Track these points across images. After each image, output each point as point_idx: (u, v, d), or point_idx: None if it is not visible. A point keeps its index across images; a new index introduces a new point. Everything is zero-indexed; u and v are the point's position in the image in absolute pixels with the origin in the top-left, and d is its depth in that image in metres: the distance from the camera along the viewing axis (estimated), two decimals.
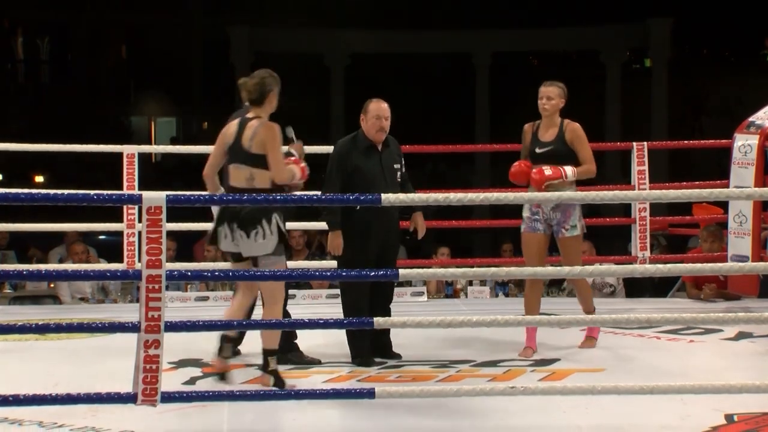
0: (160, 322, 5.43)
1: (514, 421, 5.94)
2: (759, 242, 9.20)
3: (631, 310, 8.92)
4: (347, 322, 6.99)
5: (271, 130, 6.66)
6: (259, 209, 6.58)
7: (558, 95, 7.90)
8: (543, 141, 7.80)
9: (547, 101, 7.88)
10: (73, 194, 6.23)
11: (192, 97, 25.96)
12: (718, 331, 8.01)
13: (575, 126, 7.83)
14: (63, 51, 26.52)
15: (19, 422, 5.93)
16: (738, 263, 8.84)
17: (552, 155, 7.68)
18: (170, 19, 25.35)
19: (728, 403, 6.08)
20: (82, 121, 21.56)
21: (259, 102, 6.76)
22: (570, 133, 7.79)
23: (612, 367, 7.03)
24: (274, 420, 5.91)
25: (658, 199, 8.63)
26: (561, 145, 7.73)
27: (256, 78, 6.82)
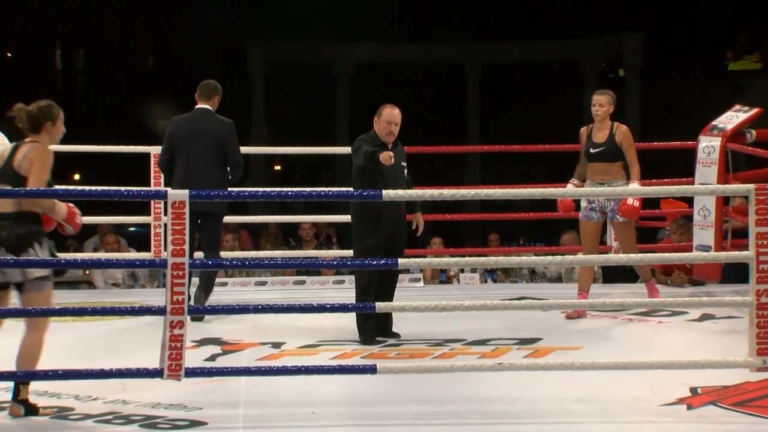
0: (183, 305, 5.44)
1: (501, 393, 5.94)
2: (721, 233, 9.21)
3: (606, 295, 8.90)
4: (351, 306, 6.97)
5: (42, 155, 5.96)
6: (29, 232, 5.96)
7: (608, 102, 8.14)
8: (596, 142, 8.10)
9: (599, 108, 8.13)
10: (106, 190, 6.24)
11: None
12: (684, 313, 8.00)
13: (624, 129, 8.12)
14: (96, 61, 26.48)
15: (57, 395, 5.97)
16: (702, 253, 8.85)
17: (604, 155, 8.05)
18: (193, 33, 25.34)
19: (693, 377, 6.11)
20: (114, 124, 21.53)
21: (34, 131, 6.05)
22: (620, 135, 8.08)
23: (589, 345, 7.02)
24: (287, 393, 5.90)
25: (631, 194, 8.62)
26: (612, 146, 8.06)
27: (34, 109, 6.10)
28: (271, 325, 7.50)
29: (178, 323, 5.43)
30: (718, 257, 8.74)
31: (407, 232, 7.55)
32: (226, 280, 9.71)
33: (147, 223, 9.32)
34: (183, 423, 5.51)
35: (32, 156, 5.90)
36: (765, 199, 5.68)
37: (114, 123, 21.91)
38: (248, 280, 9.76)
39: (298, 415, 5.63)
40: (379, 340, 7.16)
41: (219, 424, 5.50)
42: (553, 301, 7.76)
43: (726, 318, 7.70)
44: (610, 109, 8.16)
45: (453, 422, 5.56)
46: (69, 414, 5.72)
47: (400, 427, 5.45)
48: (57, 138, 6.19)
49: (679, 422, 5.57)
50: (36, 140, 6.02)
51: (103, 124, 21.41)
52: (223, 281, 9.64)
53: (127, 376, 5.66)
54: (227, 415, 5.64)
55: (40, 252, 5.94)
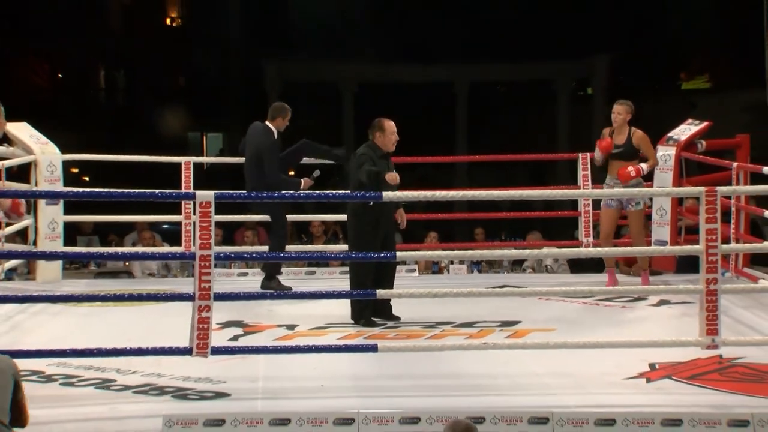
0: (210, 292, 5.43)
1: (486, 369, 5.93)
2: (676, 230, 9.21)
3: (576, 283, 8.90)
4: (355, 293, 6.97)
5: None
6: None
7: (625, 111, 8.48)
8: (616, 144, 8.41)
9: (617, 115, 8.49)
10: (143, 192, 6.22)
11: (234, 117, 25.95)
12: (644, 299, 7.99)
13: (640, 133, 8.43)
14: (135, 81, 26.47)
15: (101, 369, 5.97)
16: (660, 246, 8.84)
17: (623, 155, 8.35)
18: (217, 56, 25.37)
19: (652, 355, 6.12)
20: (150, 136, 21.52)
21: None
22: (636, 138, 8.41)
23: (562, 327, 7.00)
24: (300, 368, 5.90)
25: (598, 196, 8.67)
26: (630, 147, 8.37)
27: None
28: (285, 310, 7.50)
29: (205, 307, 5.43)
30: (673, 250, 8.72)
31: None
32: (247, 271, 9.69)
33: (178, 221, 9.31)
34: (209, 394, 5.52)
35: None
36: (713, 200, 5.69)
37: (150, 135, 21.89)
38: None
39: (309, 387, 5.63)
40: (379, 323, 7.15)
41: (240, 395, 5.51)
42: (530, 288, 7.77)
43: (680, 303, 7.69)
44: (628, 117, 8.47)
45: (444, 394, 5.57)
46: (111, 385, 5.73)
47: (398, 398, 5.45)
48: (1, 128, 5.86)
49: (639, 393, 5.57)
50: None
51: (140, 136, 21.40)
52: (244, 271, 9.63)
53: (160, 353, 5.65)
54: (248, 387, 5.65)
55: None
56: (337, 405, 5.23)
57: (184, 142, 25.61)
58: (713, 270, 5.65)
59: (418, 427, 4.97)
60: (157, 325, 6.82)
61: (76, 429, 4.98)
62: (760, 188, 8.02)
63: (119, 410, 5.30)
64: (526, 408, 5.14)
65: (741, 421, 5.08)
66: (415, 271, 9.69)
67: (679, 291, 7.44)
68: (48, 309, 7.60)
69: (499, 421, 5.03)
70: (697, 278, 5.79)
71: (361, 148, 7.37)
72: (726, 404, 5.34)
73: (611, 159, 8.44)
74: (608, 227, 8.50)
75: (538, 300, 7.82)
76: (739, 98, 19.55)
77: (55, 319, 7.41)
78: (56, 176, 8.87)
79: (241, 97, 25.84)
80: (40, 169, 8.80)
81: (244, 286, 8.76)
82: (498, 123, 24.78)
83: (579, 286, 8.30)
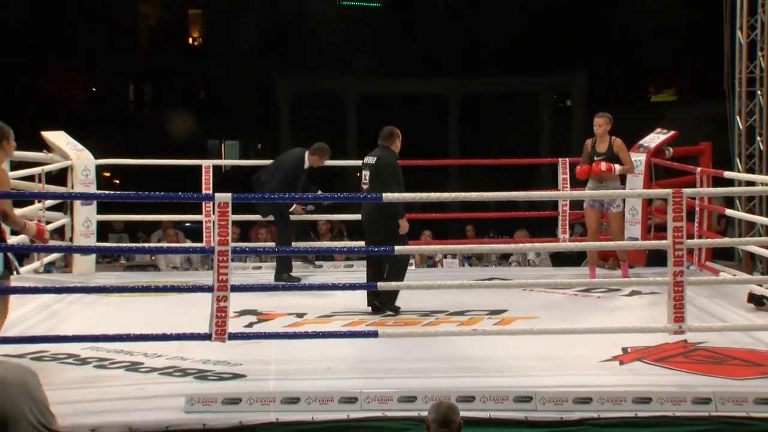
0: (227, 283, 5.43)
1: (475, 353, 5.93)
2: (646, 228, 9.21)
3: (556, 276, 8.92)
4: (357, 285, 6.97)
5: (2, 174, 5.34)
6: None
7: (605, 122, 8.49)
8: (599, 152, 8.44)
9: (599, 127, 8.50)
10: (168, 194, 6.22)
11: (249, 126, 25.96)
12: (618, 290, 7.99)
13: (619, 141, 8.47)
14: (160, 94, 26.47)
15: (130, 353, 5.97)
16: (632, 242, 8.84)
17: (605, 161, 8.32)
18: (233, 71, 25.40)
19: (624, 340, 6.12)
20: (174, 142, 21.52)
21: None
22: (616, 146, 8.44)
23: (544, 315, 7.01)
24: (308, 352, 5.90)
25: (576, 197, 8.66)
26: (611, 154, 8.39)
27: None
28: (295, 300, 7.50)
29: (223, 297, 5.43)
30: (644, 245, 8.73)
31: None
32: (260, 264, 9.70)
33: (199, 220, 9.31)
34: (227, 375, 5.52)
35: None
36: (679, 201, 5.69)
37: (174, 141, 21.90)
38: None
39: (316, 369, 5.63)
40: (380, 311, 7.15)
41: (255, 376, 5.51)
42: (516, 281, 7.79)
43: (650, 294, 7.69)
44: (608, 127, 8.46)
45: (438, 375, 5.56)
46: (139, 367, 5.74)
47: (396, 379, 5.44)
48: (11, 154, 5.66)
49: (613, 375, 5.58)
50: None
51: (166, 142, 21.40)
52: (258, 265, 9.64)
53: (183, 339, 5.65)
54: (261, 369, 5.64)
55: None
56: (342, 385, 5.22)
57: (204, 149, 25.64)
58: (679, 263, 5.65)
59: (414, 405, 4.96)
60: (180, 314, 6.82)
61: (108, 407, 4.98)
62: (721, 190, 8.07)
63: (147, 390, 5.30)
64: (511, 388, 5.14)
65: (703, 398, 5.08)
66: (412, 265, 9.69)
67: (649, 283, 7.44)
68: (83, 299, 7.61)
69: (487, 400, 5.02)
70: (665, 271, 5.79)
71: (389, 155, 7.21)
72: (690, 384, 5.34)
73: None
74: (594, 226, 8.51)
75: (523, 291, 7.83)
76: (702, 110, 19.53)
77: (89, 307, 7.42)
78: (90, 179, 8.88)
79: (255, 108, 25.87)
80: (76, 173, 8.80)
81: (258, 278, 8.77)
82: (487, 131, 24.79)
83: (559, 278, 8.31)
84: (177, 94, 25.61)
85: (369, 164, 7.25)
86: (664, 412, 5.02)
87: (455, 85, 24.80)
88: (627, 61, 23.94)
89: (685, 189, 5.94)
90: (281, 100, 24.81)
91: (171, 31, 28.24)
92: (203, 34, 28.47)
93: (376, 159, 7.22)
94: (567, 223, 9.43)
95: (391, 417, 4.92)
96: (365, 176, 7.27)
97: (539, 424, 4.95)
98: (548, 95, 25.26)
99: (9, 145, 5.52)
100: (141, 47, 27.30)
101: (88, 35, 23.93)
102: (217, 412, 4.93)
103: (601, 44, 23.48)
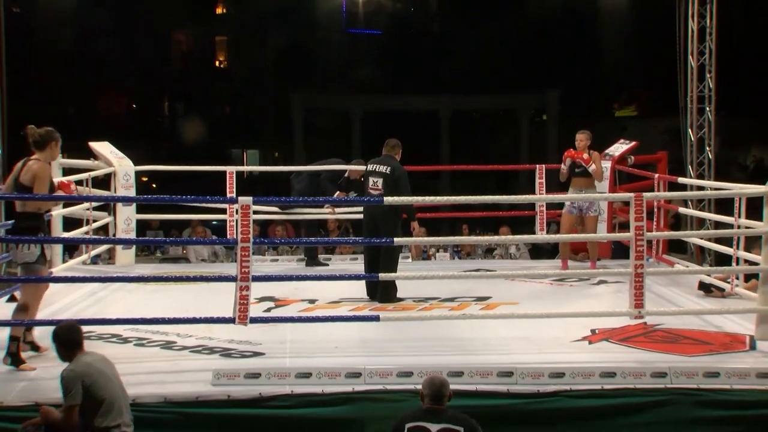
0: (249, 274, 5.40)
1: (464, 334, 5.93)
2: (611, 225, 9.19)
3: (534, 267, 8.90)
4: (362, 276, 6.94)
5: (42, 170, 5.34)
6: (26, 228, 5.34)
7: (586, 138, 8.39)
8: (579, 163, 8.28)
9: (580, 142, 8.40)
10: (197, 197, 6.21)
11: (268, 137, 25.94)
12: (587, 280, 7.98)
13: (596, 154, 8.38)
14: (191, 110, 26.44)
15: (165, 333, 5.97)
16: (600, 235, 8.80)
17: (585, 172, 8.27)
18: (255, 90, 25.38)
19: (592, 323, 6.11)
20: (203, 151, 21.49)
21: (41, 147, 5.41)
22: (593, 157, 8.29)
23: (523, 301, 6.98)
24: (318, 333, 5.89)
25: (551, 200, 8.64)
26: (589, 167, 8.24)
27: (42, 130, 5.46)
28: (308, 288, 7.49)
29: (245, 287, 5.40)
30: (609, 237, 8.71)
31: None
32: (277, 257, 9.67)
33: (224, 219, 9.29)
34: (249, 353, 5.52)
35: (35, 170, 5.32)
36: (640, 203, 5.67)
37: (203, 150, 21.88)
38: (292, 257, 9.74)
39: (326, 348, 5.62)
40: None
41: (273, 353, 5.51)
42: (499, 272, 7.76)
43: (615, 283, 7.67)
44: (588, 143, 8.34)
45: (432, 353, 5.55)
46: (173, 345, 5.75)
47: (395, 357, 5.43)
48: (56, 156, 5.66)
49: (583, 352, 5.57)
50: (39, 158, 5.40)
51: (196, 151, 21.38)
52: (275, 258, 9.61)
53: (210, 322, 5.63)
54: (278, 348, 5.64)
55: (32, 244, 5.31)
56: (348, 362, 5.21)
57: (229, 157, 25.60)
58: (640, 257, 5.63)
59: (411, 379, 4.95)
60: (208, 300, 6.81)
61: (146, 380, 4.97)
62: (676, 194, 8.06)
63: (179, 365, 5.31)
64: (495, 364, 5.13)
65: (660, 372, 5.08)
66: (408, 258, 9.68)
67: (614, 273, 7.40)
68: (124, 287, 7.59)
69: (474, 375, 5.02)
70: (627, 263, 5.77)
71: (400, 166, 7.10)
72: (649, 360, 5.34)
73: (573, 176, 8.30)
74: (566, 229, 8.40)
75: (505, 280, 7.81)
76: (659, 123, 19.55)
77: (129, 294, 7.40)
78: (130, 183, 8.86)
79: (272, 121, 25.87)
80: (118, 178, 8.79)
81: (276, 269, 8.75)
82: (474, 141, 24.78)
83: (537, 270, 8.28)
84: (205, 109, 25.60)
85: (381, 172, 7.05)
86: (627, 385, 5.03)
87: (446, 102, 24.81)
88: (594, 82, 23.99)
89: (645, 193, 5.91)
90: (295, 114, 24.79)
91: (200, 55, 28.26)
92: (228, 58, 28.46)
93: (390, 169, 7.03)
94: (544, 221, 9.42)
95: (391, 390, 4.92)
96: (377, 183, 7.07)
97: (519, 396, 4.95)
98: (526, 111, 25.25)
99: (56, 148, 5.53)
100: (175, 69, 27.28)
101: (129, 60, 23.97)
102: (240, 385, 4.93)
103: (572, 67, 23.52)
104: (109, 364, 4.47)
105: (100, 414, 4.24)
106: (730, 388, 5.02)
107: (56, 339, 4.47)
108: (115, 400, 4.31)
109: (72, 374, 4.28)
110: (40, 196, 5.37)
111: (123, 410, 4.34)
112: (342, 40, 26.23)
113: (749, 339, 5.77)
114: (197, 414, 4.78)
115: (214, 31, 27.94)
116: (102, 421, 4.24)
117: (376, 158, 7.24)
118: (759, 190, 5.80)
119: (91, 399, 4.25)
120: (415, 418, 4.12)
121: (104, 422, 4.25)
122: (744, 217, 6.50)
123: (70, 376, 4.27)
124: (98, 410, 4.25)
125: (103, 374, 4.33)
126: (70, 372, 4.30)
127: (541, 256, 10.50)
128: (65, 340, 4.42)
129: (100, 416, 4.24)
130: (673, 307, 6.84)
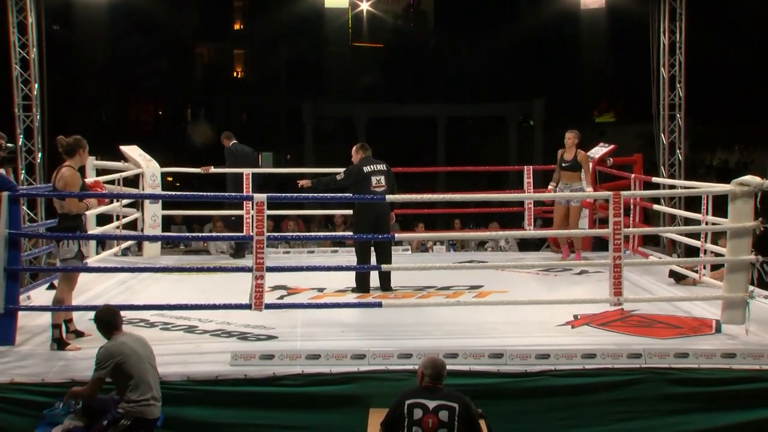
0: (263, 265, 5.40)
1: (458, 319, 5.90)
2: (592, 220, 9.15)
3: (522, 258, 8.87)
4: (366, 267, 6.90)
5: (72, 176, 5.32)
6: (67, 227, 5.35)
7: (574, 136, 8.37)
8: (566, 159, 8.30)
9: (568, 140, 8.36)
10: (217, 195, 6.19)
11: (281, 141, 25.94)
12: (570, 269, 7.95)
13: (583, 154, 8.34)
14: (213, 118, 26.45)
15: (188, 318, 5.96)
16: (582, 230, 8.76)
17: (572, 167, 8.22)
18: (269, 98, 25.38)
19: (575, 309, 6.09)
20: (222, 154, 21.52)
21: (70, 154, 5.39)
22: (580, 157, 8.29)
23: (512, 289, 6.95)
24: (327, 317, 5.88)
25: (538, 198, 8.59)
26: (575, 163, 8.24)
27: (71, 138, 5.43)
28: (317, 278, 7.47)
29: (260, 276, 5.39)
30: (590, 232, 8.68)
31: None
32: (289, 250, 9.63)
33: (241, 215, 9.25)
34: (263, 336, 5.51)
35: (66, 178, 5.33)
36: (618, 201, 5.65)
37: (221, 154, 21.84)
38: (302, 250, 9.70)
39: (333, 332, 5.61)
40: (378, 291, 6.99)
41: (285, 337, 5.50)
42: (490, 263, 7.72)
43: (595, 272, 7.64)
44: (575, 141, 8.31)
45: (429, 337, 5.54)
46: (195, 329, 5.73)
47: (397, 340, 5.42)
48: (85, 160, 5.64)
49: (566, 336, 5.55)
50: (70, 164, 5.39)
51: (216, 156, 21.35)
52: (287, 251, 9.57)
53: (228, 308, 5.63)
54: (290, 332, 5.62)
55: (72, 242, 5.34)
56: (353, 345, 5.20)
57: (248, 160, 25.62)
58: (618, 249, 5.60)
59: (410, 360, 4.93)
60: (226, 288, 6.80)
61: (171, 360, 4.96)
62: (650, 192, 8.02)
63: (201, 347, 5.30)
64: (486, 347, 5.11)
65: (636, 353, 5.06)
66: (408, 250, 9.65)
67: (595, 264, 7.39)
68: (151, 276, 7.58)
69: (467, 356, 5.00)
70: (607, 255, 5.75)
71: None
72: (626, 342, 5.32)
73: (562, 170, 8.26)
74: (558, 219, 8.37)
75: (496, 270, 7.78)
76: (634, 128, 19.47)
77: (156, 283, 7.39)
78: (157, 183, 8.84)
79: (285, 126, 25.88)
80: (146, 179, 8.76)
81: (288, 261, 8.72)
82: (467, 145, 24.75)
83: (525, 261, 8.24)
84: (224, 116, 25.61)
85: (381, 170, 6.89)
86: (606, 365, 5.00)
87: (442, 109, 24.77)
88: (576, 91, 23.98)
89: (622, 191, 5.89)
90: (306, 121, 24.78)
91: (220, 67, 28.28)
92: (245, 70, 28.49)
93: (385, 165, 6.91)
94: (532, 217, 9.38)
95: (392, 370, 4.90)
96: (380, 180, 6.85)
97: (508, 375, 4.93)
98: (515, 117, 25.21)
99: (84, 154, 5.52)
100: (197, 80, 27.28)
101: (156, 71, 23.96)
102: (256, 365, 4.92)
103: (556, 78, 23.52)
104: (144, 344, 4.57)
105: (130, 389, 4.38)
106: (698, 368, 5.01)
107: (96, 321, 4.64)
108: (144, 377, 4.41)
109: (106, 352, 4.42)
110: (75, 194, 5.35)
111: (152, 386, 4.45)
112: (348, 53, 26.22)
113: (715, 323, 5.76)
114: (217, 391, 4.78)
115: (232, 45, 27.96)
116: (132, 394, 4.39)
117: (367, 159, 6.97)
118: (724, 188, 5.78)
119: (122, 375, 4.39)
120: (414, 395, 4.13)
121: (134, 395, 4.39)
122: (711, 213, 6.47)
123: (103, 354, 4.42)
124: (128, 385, 4.38)
125: (135, 353, 4.44)
126: (105, 350, 4.44)
127: (529, 248, 10.46)
128: (103, 322, 4.58)
129: (130, 390, 4.38)
130: (647, 294, 6.82)
